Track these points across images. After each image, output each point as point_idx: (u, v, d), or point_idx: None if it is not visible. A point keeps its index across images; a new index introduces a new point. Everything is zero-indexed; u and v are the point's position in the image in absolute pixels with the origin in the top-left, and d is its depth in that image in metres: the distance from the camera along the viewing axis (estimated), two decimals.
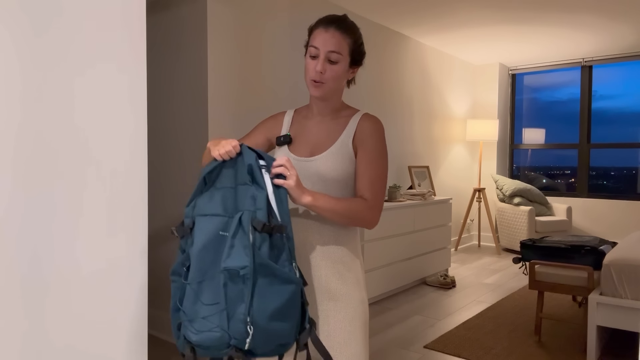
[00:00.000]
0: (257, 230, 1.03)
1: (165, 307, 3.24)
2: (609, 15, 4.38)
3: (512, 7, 4.17)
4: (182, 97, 3.13)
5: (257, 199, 1.06)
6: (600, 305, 2.71)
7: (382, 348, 3.02)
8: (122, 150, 1.15)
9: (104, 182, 1.11)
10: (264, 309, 0.99)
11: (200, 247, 1.05)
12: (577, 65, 6.16)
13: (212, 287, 1.02)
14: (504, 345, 3.05)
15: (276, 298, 1.01)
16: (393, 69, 4.92)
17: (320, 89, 1.32)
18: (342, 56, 1.31)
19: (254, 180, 1.09)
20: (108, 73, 1.11)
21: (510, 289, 4.39)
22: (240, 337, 0.97)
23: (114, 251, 1.14)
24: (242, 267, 0.98)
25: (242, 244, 1.01)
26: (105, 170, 1.11)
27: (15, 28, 0.95)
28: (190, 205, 1.13)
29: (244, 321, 0.97)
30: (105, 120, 1.12)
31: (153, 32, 3.31)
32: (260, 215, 1.04)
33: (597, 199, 6.01)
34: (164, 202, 3.26)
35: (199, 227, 1.08)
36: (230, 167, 1.12)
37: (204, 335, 0.99)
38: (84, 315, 1.08)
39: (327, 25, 1.32)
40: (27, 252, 0.98)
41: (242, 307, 0.98)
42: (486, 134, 5.97)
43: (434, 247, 4.62)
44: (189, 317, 1.02)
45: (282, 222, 1.08)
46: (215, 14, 3.01)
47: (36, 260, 0.99)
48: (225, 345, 0.98)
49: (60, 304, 1.03)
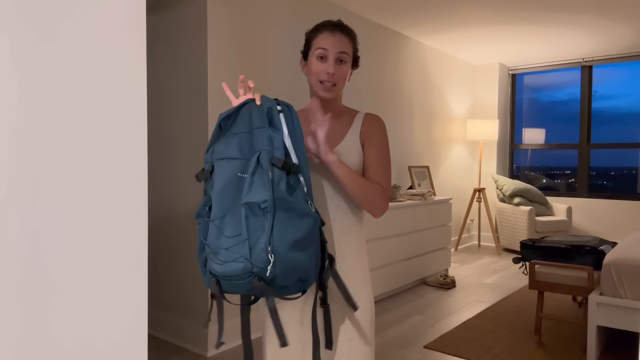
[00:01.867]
0: (277, 167, 1.08)
1: (166, 308, 3.24)
2: (609, 15, 4.38)
3: (512, 7, 4.17)
4: (182, 97, 3.13)
5: (274, 140, 1.12)
6: (600, 305, 2.71)
7: (382, 348, 3.02)
8: (122, 150, 1.15)
9: (103, 182, 1.11)
10: (284, 239, 1.04)
11: (221, 187, 1.11)
12: (577, 65, 6.16)
13: (234, 221, 1.07)
14: (504, 345, 3.05)
15: (295, 230, 1.07)
16: (393, 69, 4.92)
17: (332, 91, 1.37)
18: (349, 56, 1.38)
19: (271, 123, 1.14)
20: (107, 73, 1.11)
21: (510, 289, 4.39)
22: (263, 264, 1.02)
23: (114, 251, 1.14)
24: (263, 201, 1.04)
25: (262, 180, 1.07)
26: (105, 170, 1.11)
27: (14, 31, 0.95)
28: (209, 152, 1.19)
29: (265, 250, 1.03)
30: (105, 120, 1.12)
31: (153, 32, 3.31)
32: (278, 154, 1.10)
33: (597, 199, 6.02)
34: (164, 201, 3.26)
35: (218, 170, 1.14)
36: (246, 113, 1.18)
37: (229, 266, 1.05)
38: (83, 316, 1.08)
39: (332, 29, 1.37)
40: (27, 252, 0.98)
41: (263, 237, 1.03)
42: (486, 134, 5.97)
43: (434, 247, 4.62)
44: (214, 250, 1.08)
45: (298, 161, 1.14)
46: (215, 14, 3.01)
47: (36, 259, 0.99)
48: (249, 275, 1.03)
49: (58, 304, 1.03)
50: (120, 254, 1.13)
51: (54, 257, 1.01)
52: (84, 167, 1.06)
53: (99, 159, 1.09)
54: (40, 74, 0.99)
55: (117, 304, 1.13)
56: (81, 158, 1.06)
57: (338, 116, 1.44)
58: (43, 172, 0.99)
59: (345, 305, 1.33)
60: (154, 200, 3.33)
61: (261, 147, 1.12)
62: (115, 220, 1.12)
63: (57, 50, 1.01)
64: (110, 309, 1.12)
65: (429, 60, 5.55)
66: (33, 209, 0.98)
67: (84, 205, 1.06)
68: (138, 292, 1.17)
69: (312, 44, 1.39)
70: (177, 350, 3.02)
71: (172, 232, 3.20)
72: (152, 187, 3.34)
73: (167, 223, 3.23)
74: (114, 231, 1.12)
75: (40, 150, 0.99)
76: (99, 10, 1.07)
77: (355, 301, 1.25)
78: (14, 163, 0.95)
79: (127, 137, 1.14)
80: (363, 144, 1.40)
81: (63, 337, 1.03)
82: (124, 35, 1.13)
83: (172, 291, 3.20)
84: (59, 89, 1.02)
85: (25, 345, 0.98)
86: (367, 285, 1.40)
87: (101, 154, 1.10)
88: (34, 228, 0.98)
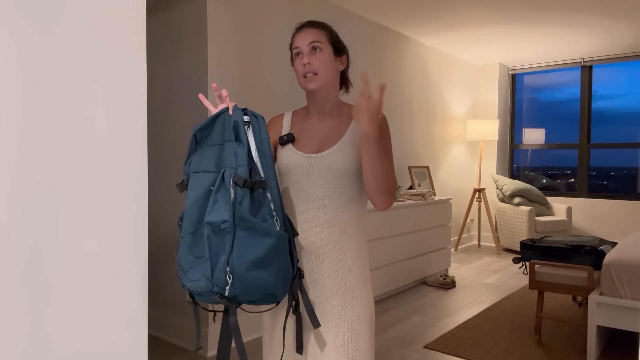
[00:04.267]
0: (239, 186, 1.08)
1: (166, 308, 3.24)
2: (609, 15, 4.38)
3: (512, 7, 4.17)
4: (182, 97, 3.13)
5: (238, 156, 1.11)
6: (600, 305, 2.71)
7: (382, 348, 3.02)
8: (122, 150, 1.15)
9: (103, 181, 1.11)
10: (243, 259, 1.05)
11: (192, 202, 1.12)
12: (577, 65, 6.16)
13: (200, 240, 1.09)
14: (504, 345, 3.05)
15: (256, 249, 1.07)
16: (393, 69, 4.92)
17: (314, 81, 1.36)
18: (324, 44, 1.36)
19: (238, 137, 1.13)
20: (107, 73, 1.11)
21: (510, 289, 4.39)
22: (222, 284, 1.04)
23: (113, 251, 1.14)
24: (223, 222, 1.05)
25: (224, 199, 1.07)
26: (105, 169, 1.11)
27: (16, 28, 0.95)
28: (187, 163, 1.19)
29: (224, 270, 1.04)
30: (105, 120, 1.12)
31: (153, 32, 3.31)
32: (241, 171, 1.09)
33: (597, 199, 6.01)
34: (163, 201, 3.26)
35: (191, 183, 1.14)
36: (220, 125, 1.17)
37: (194, 284, 1.07)
38: (83, 316, 1.08)
39: (300, 28, 1.40)
40: (27, 251, 0.98)
41: (222, 258, 1.05)
42: (486, 134, 5.97)
43: (434, 247, 4.62)
44: (183, 267, 1.10)
45: (265, 176, 1.13)
46: (215, 14, 3.01)
47: (36, 259, 0.99)
48: (211, 293, 1.06)
49: (58, 304, 1.03)
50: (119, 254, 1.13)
51: (53, 256, 1.01)
52: (83, 167, 1.06)
53: (99, 158, 1.09)
54: (40, 73, 0.99)
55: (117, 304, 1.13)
56: (81, 158, 1.06)
57: (336, 113, 1.43)
58: (43, 171, 0.99)
59: (345, 306, 1.33)
60: (154, 200, 3.33)
61: (227, 163, 1.11)
62: (115, 220, 1.12)
63: (57, 50, 1.01)
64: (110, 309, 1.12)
65: (429, 60, 5.55)
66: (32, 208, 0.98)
67: (84, 205, 1.06)
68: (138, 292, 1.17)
69: (291, 49, 1.41)
70: (177, 350, 3.02)
71: (172, 231, 3.20)
72: (152, 187, 3.34)
73: (168, 223, 3.23)
74: (113, 231, 1.12)
75: (40, 150, 0.99)
76: (99, 11, 1.07)
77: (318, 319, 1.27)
78: (18, 161, 0.95)
79: (127, 137, 1.14)
80: None
81: (62, 338, 1.03)
82: (124, 35, 1.13)
83: (172, 291, 3.20)
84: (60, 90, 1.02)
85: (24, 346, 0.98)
86: (367, 285, 1.39)
87: (101, 153, 1.10)
88: (35, 228, 0.98)
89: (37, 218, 0.99)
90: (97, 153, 1.09)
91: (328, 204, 1.34)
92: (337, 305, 1.33)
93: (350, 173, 1.35)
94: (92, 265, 1.08)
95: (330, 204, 1.34)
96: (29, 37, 0.96)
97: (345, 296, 1.33)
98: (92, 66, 1.07)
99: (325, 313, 1.33)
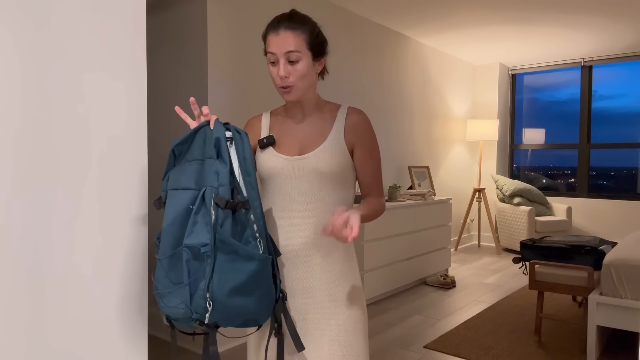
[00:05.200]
0: (220, 207, 1.02)
1: None
2: (609, 15, 4.38)
3: (512, 7, 4.17)
4: (182, 97, 3.13)
5: (220, 175, 1.05)
6: (600, 305, 2.70)
7: (382, 348, 3.02)
8: (122, 150, 1.15)
9: (104, 181, 1.11)
10: (223, 285, 1.00)
11: (170, 222, 1.06)
12: (577, 65, 6.16)
13: (178, 263, 1.03)
14: (504, 345, 3.05)
15: (238, 274, 1.02)
16: (393, 69, 4.92)
17: (292, 93, 1.28)
18: (301, 53, 1.25)
19: (219, 155, 1.07)
20: (108, 73, 1.11)
21: (510, 289, 4.39)
22: (201, 311, 1.00)
23: (114, 251, 1.14)
24: (203, 245, 1.00)
25: (204, 221, 1.01)
26: (106, 170, 1.11)
27: (16, 28, 0.95)
28: (165, 179, 1.13)
29: (204, 297, 0.99)
30: (105, 120, 1.12)
31: (153, 32, 3.31)
32: (223, 191, 1.04)
33: (597, 199, 6.01)
34: None
35: (170, 201, 1.08)
36: (201, 139, 1.11)
37: (171, 310, 1.02)
38: (83, 316, 1.07)
39: (276, 27, 1.26)
40: (28, 251, 0.98)
41: (202, 284, 1.00)
42: (486, 134, 5.97)
43: (434, 247, 4.62)
44: (160, 292, 1.04)
45: (248, 196, 1.08)
46: (215, 14, 3.01)
47: (36, 259, 0.99)
48: (190, 320, 1.02)
49: (59, 304, 1.03)
50: (120, 254, 1.13)
51: (54, 256, 1.01)
52: (83, 167, 1.06)
53: (99, 159, 1.09)
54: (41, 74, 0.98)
55: (117, 304, 1.13)
56: (81, 158, 1.06)
57: (317, 113, 1.36)
58: (43, 171, 0.99)
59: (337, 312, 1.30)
60: (154, 198, 3.32)
61: (208, 182, 1.05)
62: (116, 220, 1.12)
63: (57, 50, 1.01)
64: (111, 309, 1.12)
65: (429, 60, 5.55)
66: (30, 209, 0.98)
67: (84, 206, 1.06)
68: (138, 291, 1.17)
69: (265, 47, 1.29)
70: (177, 350, 3.02)
71: None
72: (152, 187, 3.34)
73: None
74: (114, 231, 1.11)
75: (40, 151, 0.99)
76: (99, 11, 1.07)
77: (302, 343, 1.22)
78: (16, 162, 0.95)
79: (127, 137, 1.14)
80: (351, 144, 1.33)
81: (62, 338, 1.03)
82: (124, 35, 1.12)
83: None
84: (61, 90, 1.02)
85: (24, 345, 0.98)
86: (359, 289, 1.36)
87: (101, 153, 1.10)
88: (35, 228, 0.98)
89: (37, 220, 0.99)
90: (97, 153, 1.09)
91: (314, 208, 1.29)
92: (329, 311, 1.29)
93: (336, 175, 1.31)
94: (92, 265, 1.08)
95: (316, 208, 1.30)
96: (29, 37, 0.96)
97: (336, 302, 1.30)
98: (92, 66, 1.07)
99: (317, 321, 1.29)
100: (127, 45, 1.14)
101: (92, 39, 1.07)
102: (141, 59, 1.17)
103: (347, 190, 1.36)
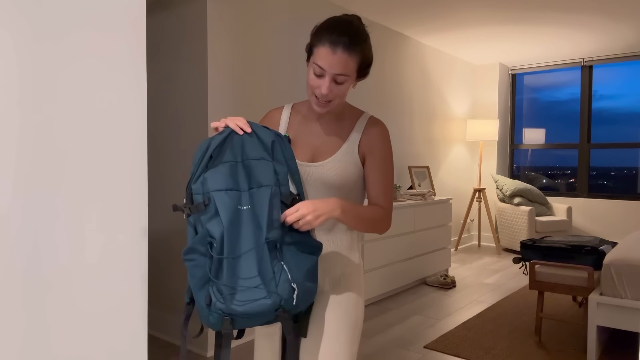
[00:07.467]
0: (286, 204, 1.13)
1: (166, 307, 3.24)
2: (609, 15, 4.38)
3: (512, 7, 4.17)
4: (182, 97, 3.13)
5: (279, 175, 1.16)
6: (600, 305, 2.71)
7: (382, 348, 3.02)
8: (122, 150, 1.15)
9: (104, 181, 1.11)
10: (300, 271, 1.10)
11: (228, 222, 1.10)
12: (577, 65, 6.16)
13: (251, 259, 1.08)
14: (504, 345, 3.05)
15: (306, 262, 1.13)
16: (393, 69, 4.92)
17: (326, 107, 1.28)
18: (350, 77, 1.24)
19: (275, 157, 1.17)
20: (107, 74, 1.11)
21: (510, 289, 4.39)
22: (288, 295, 1.07)
23: (114, 251, 1.14)
24: (280, 238, 1.10)
25: (276, 217, 1.11)
26: (106, 170, 1.11)
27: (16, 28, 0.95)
28: (199, 181, 1.13)
29: (288, 280, 1.08)
30: (105, 120, 1.12)
31: (153, 32, 3.31)
32: (285, 190, 1.15)
33: (597, 199, 6.01)
34: (164, 202, 3.26)
35: (221, 202, 1.11)
36: (237, 142, 1.17)
37: (250, 306, 1.04)
38: (83, 316, 1.08)
39: (334, 45, 1.20)
40: (27, 251, 0.98)
41: (284, 272, 1.09)
42: (486, 134, 5.97)
43: (434, 247, 4.62)
44: (230, 291, 1.05)
45: (298, 191, 1.19)
46: (215, 14, 3.01)
47: (36, 259, 0.99)
48: (275, 309, 1.06)
49: (59, 304, 1.03)
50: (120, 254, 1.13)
51: (53, 256, 1.01)
52: (84, 167, 1.06)
53: (99, 159, 1.09)
54: (40, 75, 0.99)
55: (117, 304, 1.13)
56: (81, 159, 1.06)
57: (338, 118, 1.35)
58: (43, 172, 0.99)
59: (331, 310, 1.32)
60: (154, 200, 3.33)
61: (266, 182, 1.14)
62: (116, 220, 1.12)
63: (56, 50, 1.01)
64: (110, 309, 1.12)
65: (429, 60, 5.55)
66: (30, 209, 0.98)
67: (84, 206, 1.06)
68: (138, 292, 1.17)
69: (313, 51, 1.25)
70: (178, 350, 3.02)
71: (172, 231, 3.20)
72: (152, 187, 3.34)
73: (168, 223, 3.23)
74: (114, 231, 1.12)
75: (41, 151, 0.99)
76: (99, 11, 1.07)
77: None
78: (16, 162, 0.95)
79: (127, 137, 1.14)
80: (363, 155, 1.32)
81: (62, 338, 1.03)
82: (124, 35, 1.13)
83: (172, 291, 3.20)
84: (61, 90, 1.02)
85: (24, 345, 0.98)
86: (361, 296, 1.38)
87: (101, 154, 1.10)
88: (35, 227, 0.98)
89: (36, 220, 0.99)
90: (97, 153, 1.09)
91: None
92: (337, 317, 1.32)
93: (344, 187, 1.30)
94: (92, 266, 1.08)
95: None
96: (29, 37, 0.96)
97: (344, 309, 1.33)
98: (92, 66, 1.07)
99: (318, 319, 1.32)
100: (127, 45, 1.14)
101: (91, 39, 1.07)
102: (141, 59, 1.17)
103: (356, 201, 1.36)
